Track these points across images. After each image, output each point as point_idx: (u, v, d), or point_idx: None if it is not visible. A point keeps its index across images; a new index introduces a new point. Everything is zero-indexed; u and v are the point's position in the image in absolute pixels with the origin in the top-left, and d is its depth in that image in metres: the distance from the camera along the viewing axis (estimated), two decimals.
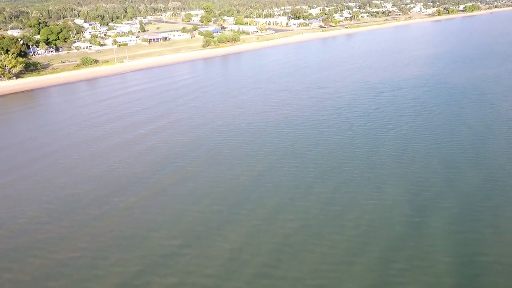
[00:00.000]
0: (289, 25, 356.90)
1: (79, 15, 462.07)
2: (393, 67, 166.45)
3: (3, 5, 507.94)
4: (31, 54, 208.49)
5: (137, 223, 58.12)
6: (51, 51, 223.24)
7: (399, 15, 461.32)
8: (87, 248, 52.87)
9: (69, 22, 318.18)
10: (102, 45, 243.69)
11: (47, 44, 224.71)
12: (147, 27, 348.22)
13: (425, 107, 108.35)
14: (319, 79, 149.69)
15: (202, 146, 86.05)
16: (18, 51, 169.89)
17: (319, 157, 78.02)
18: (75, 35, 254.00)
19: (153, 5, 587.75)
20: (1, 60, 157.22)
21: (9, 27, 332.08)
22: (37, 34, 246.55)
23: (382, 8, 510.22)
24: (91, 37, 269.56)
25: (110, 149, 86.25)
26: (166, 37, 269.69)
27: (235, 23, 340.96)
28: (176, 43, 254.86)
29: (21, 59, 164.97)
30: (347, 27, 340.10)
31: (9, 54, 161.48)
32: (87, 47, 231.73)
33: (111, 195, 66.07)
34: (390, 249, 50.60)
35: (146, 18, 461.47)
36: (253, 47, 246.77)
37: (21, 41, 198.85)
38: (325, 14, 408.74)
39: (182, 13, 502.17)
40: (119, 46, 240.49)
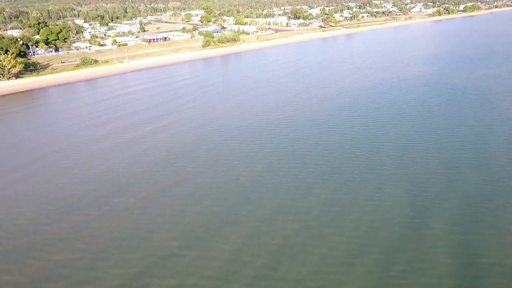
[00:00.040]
0: (289, 25, 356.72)
1: (79, 15, 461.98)
2: (393, 67, 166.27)
3: (3, 5, 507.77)
4: (30, 54, 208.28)
5: (136, 224, 57.94)
6: (51, 51, 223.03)
7: (399, 15, 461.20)
8: (87, 249, 52.68)
9: (69, 22, 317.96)
10: (101, 45, 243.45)
11: (46, 44, 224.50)
12: (147, 27, 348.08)
13: (425, 107, 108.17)
14: (319, 79, 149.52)
15: (202, 146, 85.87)
16: (17, 51, 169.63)
17: (319, 157, 77.84)
18: (74, 35, 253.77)
19: (153, 5, 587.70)
20: (0, 60, 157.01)
21: (8, 27, 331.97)
22: (36, 34, 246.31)
23: (382, 8, 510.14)
24: (90, 37, 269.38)
25: (109, 150, 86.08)
26: (166, 37, 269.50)
27: (235, 23, 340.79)
28: (176, 43, 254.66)
29: (21, 59, 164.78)
30: (347, 27, 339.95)
31: (8, 54, 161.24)
32: (86, 47, 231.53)
33: (111, 196, 65.89)
34: (390, 250, 50.42)
35: (146, 18, 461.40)
36: (253, 47, 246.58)
37: (21, 41, 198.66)
38: (325, 14, 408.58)
39: (182, 13, 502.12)
40: (119, 46, 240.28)
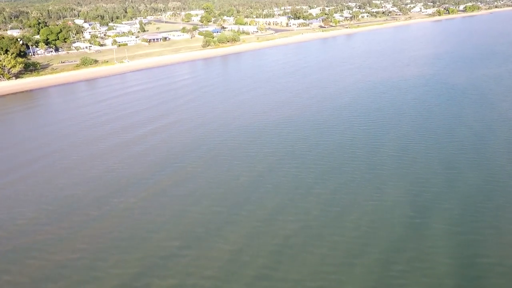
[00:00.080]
0: (289, 25, 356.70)
1: (79, 15, 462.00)
2: (393, 67, 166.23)
3: (3, 5, 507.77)
4: (30, 54, 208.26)
5: (136, 224, 57.90)
6: (51, 51, 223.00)
7: (399, 15, 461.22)
8: (86, 249, 52.65)
9: (69, 22, 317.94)
10: (101, 45, 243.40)
11: (46, 44, 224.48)
12: (147, 27, 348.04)
13: (425, 107, 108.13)
14: (319, 79, 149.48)
15: (202, 146, 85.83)
16: (17, 51, 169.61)
17: (319, 157, 77.81)
18: (74, 35, 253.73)
19: (153, 5, 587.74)
20: (0, 60, 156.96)
21: (8, 27, 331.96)
22: (36, 34, 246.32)
23: (382, 8, 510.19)
24: (90, 37, 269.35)
25: (109, 150, 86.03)
26: (166, 37, 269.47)
27: (235, 23, 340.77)
28: (176, 43, 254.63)
29: (21, 59, 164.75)
30: (347, 27, 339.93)
31: (8, 54, 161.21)
32: (86, 47, 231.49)
33: (111, 196, 65.85)
34: (390, 250, 50.38)
35: (146, 18, 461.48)
36: (253, 47, 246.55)
37: (21, 41, 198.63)
38: (325, 14, 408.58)
39: (182, 13, 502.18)
40: (119, 46, 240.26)
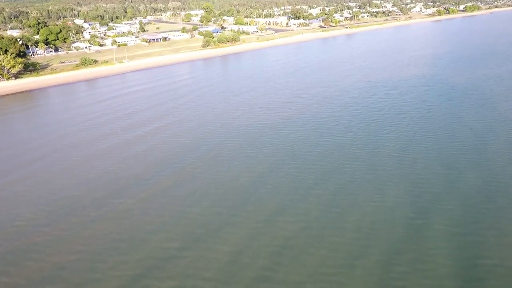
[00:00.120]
0: (289, 25, 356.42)
1: (78, 15, 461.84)
2: (393, 67, 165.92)
3: (2, 5, 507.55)
4: (30, 54, 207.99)
5: (135, 225, 57.57)
6: (50, 52, 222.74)
7: (399, 15, 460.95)
8: (85, 250, 52.32)
9: (69, 22, 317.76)
10: (101, 45, 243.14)
11: (46, 44, 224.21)
12: (146, 27, 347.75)
13: (426, 107, 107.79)
14: (319, 79, 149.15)
15: (201, 147, 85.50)
16: (17, 51, 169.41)
17: (319, 158, 77.48)
18: (74, 35, 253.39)
19: (153, 5, 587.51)
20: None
21: (8, 27, 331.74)
22: (36, 34, 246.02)
23: (382, 8, 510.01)
24: (90, 37, 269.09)
25: (109, 150, 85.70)
26: (165, 37, 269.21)
27: (235, 23, 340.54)
28: (175, 43, 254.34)
29: (20, 60, 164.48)
30: (347, 27, 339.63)
31: (8, 54, 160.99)
32: (86, 48, 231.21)
33: (110, 197, 65.52)
34: (391, 252, 50.05)
35: (146, 18, 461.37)
36: (253, 47, 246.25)
37: (20, 41, 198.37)
38: (325, 14, 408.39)
39: (182, 13, 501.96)
40: (119, 46, 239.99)
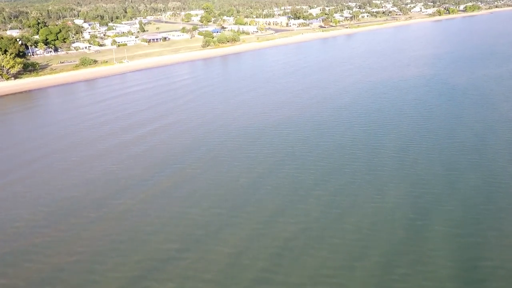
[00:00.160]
0: (289, 25, 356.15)
1: (78, 15, 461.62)
2: (393, 68, 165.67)
3: (2, 5, 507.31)
4: (29, 54, 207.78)
5: (135, 226, 57.31)
6: (50, 52, 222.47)
7: (400, 15, 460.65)
8: (84, 252, 52.07)
9: (69, 22, 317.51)
10: (101, 45, 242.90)
11: (45, 44, 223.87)
12: (146, 27, 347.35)
13: (426, 108, 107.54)
14: (319, 79, 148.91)
15: (201, 147, 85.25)
16: (16, 52, 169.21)
17: (319, 159, 77.23)
18: (74, 35, 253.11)
19: (153, 5, 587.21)
20: None
21: (8, 27, 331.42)
22: (36, 34, 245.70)
23: (382, 8, 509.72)
24: (90, 37, 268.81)
25: (108, 151, 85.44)
26: (165, 37, 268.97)
27: (235, 23, 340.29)
28: (175, 43, 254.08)
29: (20, 60, 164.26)
30: (347, 27, 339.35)
31: (7, 54, 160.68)
32: (86, 48, 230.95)
33: (109, 198, 65.27)
34: (391, 253, 49.80)
35: (145, 18, 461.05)
36: (253, 47, 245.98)
37: (20, 42, 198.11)
38: (325, 14, 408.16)
39: (182, 13, 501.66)
40: (118, 46, 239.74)
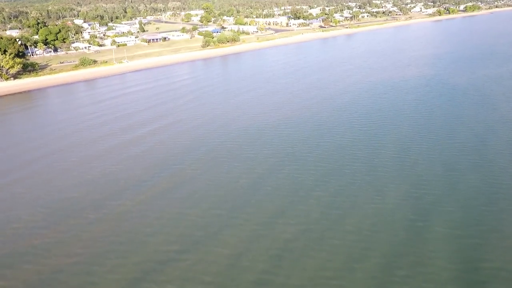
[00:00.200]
0: (289, 25, 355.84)
1: (78, 15, 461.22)
2: (393, 68, 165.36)
3: (2, 5, 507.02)
4: (29, 54, 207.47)
5: (134, 227, 57.01)
6: (50, 52, 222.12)
7: (400, 15, 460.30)
8: (83, 253, 51.77)
9: (68, 22, 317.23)
10: (101, 46, 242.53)
11: (45, 44, 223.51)
12: (146, 27, 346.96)
13: (426, 108, 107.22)
14: (319, 79, 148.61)
15: (201, 148, 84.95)
16: (16, 52, 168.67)
17: (319, 159, 76.93)
18: (73, 35, 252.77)
19: (152, 5, 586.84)
20: None
21: (8, 27, 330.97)
22: (35, 34, 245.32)
23: (382, 8, 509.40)
24: (90, 37, 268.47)
25: (107, 151, 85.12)
26: (165, 37, 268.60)
27: (235, 23, 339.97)
28: (175, 43, 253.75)
29: (19, 60, 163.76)
30: (347, 27, 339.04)
31: (6, 54, 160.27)
32: (85, 48, 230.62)
33: (108, 199, 64.97)
34: (392, 254, 49.51)
35: (145, 18, 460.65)
36: (253, 47, 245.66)
37: (19, 42, 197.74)
38: (325, 14, 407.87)
39: (181, 13, 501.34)
40: (118, 46, 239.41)
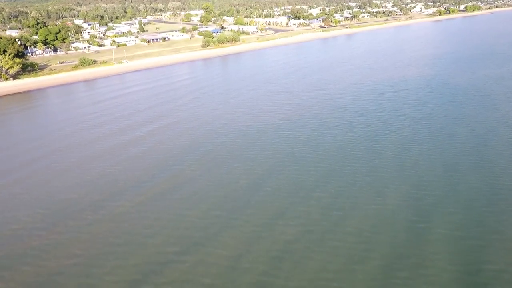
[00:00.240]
0: (289, 25, 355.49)
1: (78, 15, 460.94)
2: (394, 68, 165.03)
3: (2, 5, 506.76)
4: (28, 54, 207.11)
5: (133, 229, 56.68)
6: (49, 52, 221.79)
7: (400, 15, 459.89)
8: (82, 255, 51.45)
9: (68, 22, 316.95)
10: (100, 46, 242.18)
11: (45, 44, 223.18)
12: (146, 27, 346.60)
13: (427, 108, 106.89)
14: (319, 79, 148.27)
15: (200, 148, 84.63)
16: (15, 52, 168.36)
17: (319, 160, 76.60)
18: (73, 35, 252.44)
19: (152, 5, 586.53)
20: None
21: (7, 27, 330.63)
22: (35, 34, 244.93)
23: (382, 8, 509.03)
24: (89, 37, 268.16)
25: (107, 152, 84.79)
26: (165, 37, 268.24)
27: (235, 23, 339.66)
28: (175, 44, 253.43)
29: (18, 60, 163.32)
30: (348, 27, 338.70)
31: (6, 54, 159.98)
32: (85, 48, 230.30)
33: (107, 200, 64.65)
34: (393, 256, 49.19)
35: (145, 18, 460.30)
36: (253, 47, 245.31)
37: (19, 42, 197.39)
38: (326, 14, 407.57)
39: (181, 13, 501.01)
40: (118, 46, 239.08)
